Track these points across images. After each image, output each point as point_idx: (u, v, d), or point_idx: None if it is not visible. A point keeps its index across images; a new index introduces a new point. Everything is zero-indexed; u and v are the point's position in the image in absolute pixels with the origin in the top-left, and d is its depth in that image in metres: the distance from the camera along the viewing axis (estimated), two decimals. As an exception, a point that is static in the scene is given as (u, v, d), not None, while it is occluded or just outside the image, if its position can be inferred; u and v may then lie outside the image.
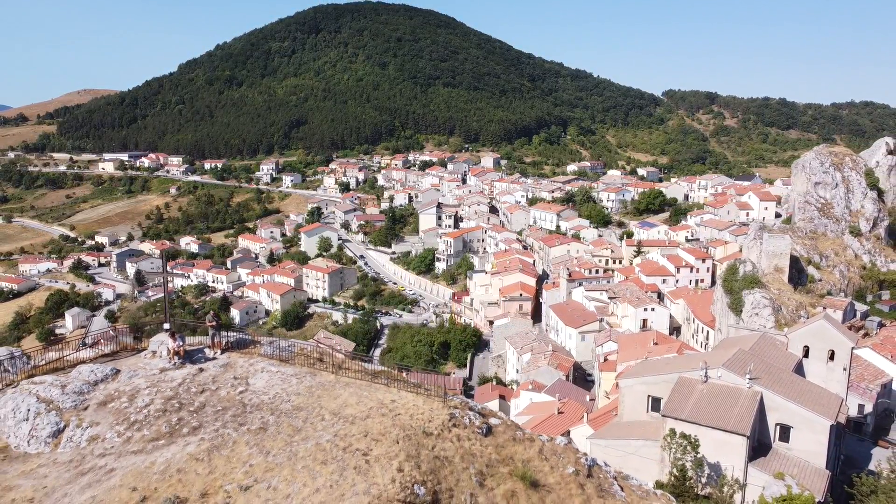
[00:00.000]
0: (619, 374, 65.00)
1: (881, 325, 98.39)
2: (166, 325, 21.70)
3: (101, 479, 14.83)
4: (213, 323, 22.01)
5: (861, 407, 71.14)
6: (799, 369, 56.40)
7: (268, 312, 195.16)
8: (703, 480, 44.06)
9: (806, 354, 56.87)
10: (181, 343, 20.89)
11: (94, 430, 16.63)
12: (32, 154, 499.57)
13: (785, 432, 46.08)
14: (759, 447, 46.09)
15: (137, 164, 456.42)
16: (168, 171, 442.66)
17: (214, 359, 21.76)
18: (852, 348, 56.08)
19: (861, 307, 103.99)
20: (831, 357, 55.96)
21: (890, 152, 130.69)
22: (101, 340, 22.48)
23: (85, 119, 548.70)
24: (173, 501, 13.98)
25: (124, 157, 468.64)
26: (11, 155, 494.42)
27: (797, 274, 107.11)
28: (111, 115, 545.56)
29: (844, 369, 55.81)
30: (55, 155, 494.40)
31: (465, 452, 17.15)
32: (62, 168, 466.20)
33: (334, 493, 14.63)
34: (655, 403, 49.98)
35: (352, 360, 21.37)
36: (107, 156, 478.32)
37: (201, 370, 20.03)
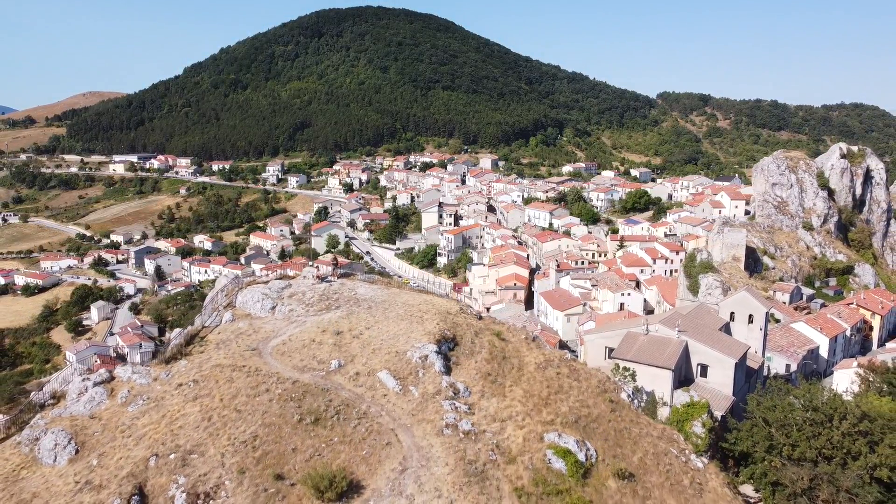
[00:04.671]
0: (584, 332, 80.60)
1: (823, 305, 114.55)
2: (311, 264, 37.91)
3: (300, 324, 31.04)
4: (334, 262, 38.50)
5: (788, 366, 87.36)
6: (727, 330, 72.22)
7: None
8: (642, 404, 59.86)
9: (732, 318, 72.61)
10: (319, 272, 37.30)
11: (290, 306, 32.82)
12: (44, 156, 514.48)
13: (704, 370, 61.88)
14: (685, 381, 61.94)
15: (147, 166, 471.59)
16: (177, 173, 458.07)
17: (334, 281, 37.48)
18: (766, 313, 71.69)
19: (808, 291, 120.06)
20: (751, 320, 71.69)
21: (843, 156, 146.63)
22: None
23: (93, 121, 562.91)
24: (337, 331, 29.91)
25: (133, 158, 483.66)
26: (24, 157, 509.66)
27: (754, 263, 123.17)
28: (119, 117, 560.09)
29: (761, 329, 71.45)
30: (66, 157, 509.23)
31: (467, 323, 33.39)
32: (73, 169, 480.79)
33: (409, 330, 31.09)
34: (610, 352, 65.75)
35: (406, 284, 37.64)
36: (116, 157, 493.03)
37: (331, 285, 36.49)
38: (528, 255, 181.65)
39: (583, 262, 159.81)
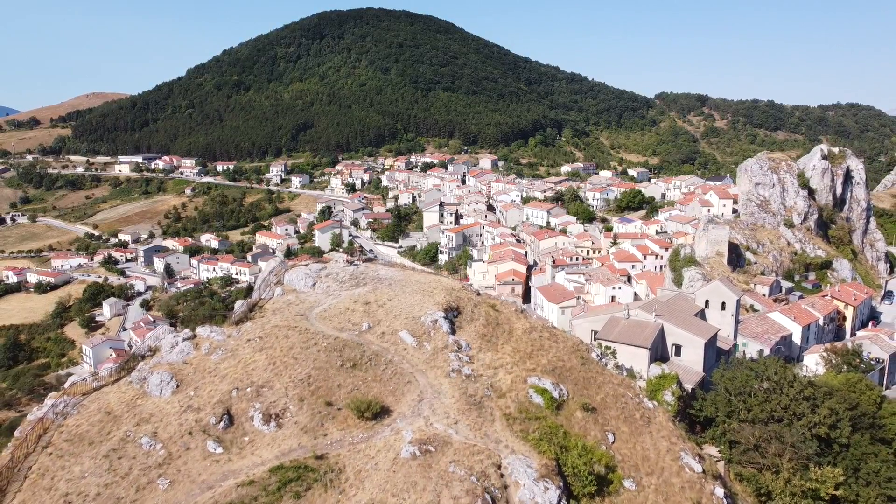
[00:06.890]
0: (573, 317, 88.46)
1: (801, 297, 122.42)
2: (340, 251, 45.77)
3: (336, 297, 39.12)
4: (359, 250, 46.17)
5: (761, 351, 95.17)
6: (702, 315, 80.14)
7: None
8: (623, 375, 67.66)
9: (707, 305, 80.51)
10: (348, 258, 45.39)
11: (327, 283, 40.86)
12: (50, 156, 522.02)
13: (678, 349, 69.81)
14: (661, 359, 69.79)
15: (152, 167, 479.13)
16: (182, 173, 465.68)
17: (359, 264, 45.49)
18: (738, 300, 79.62)
19: (787, 284, 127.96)
20: (723, 307, 79.60)
21: (824, 157, 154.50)
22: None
23: (98, 122, 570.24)
24: (365, 302, 37.77)
25: (138, 159, 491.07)
26: (30, 157, 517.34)
27: (737, 258, 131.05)
28: (123, 118, 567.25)
29: (732, 315, 79.43)
30: (72, 157, 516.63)
31: (469, 297, 41.43)
32: (80, 170, 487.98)
33: (422, 301, 39.13)
34: (595, 334, 73.63)
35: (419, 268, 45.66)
36: (122, 158, 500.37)
37: (357, 267, 44.56)
38: (525, 252, 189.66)
39: (578, 259, 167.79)
